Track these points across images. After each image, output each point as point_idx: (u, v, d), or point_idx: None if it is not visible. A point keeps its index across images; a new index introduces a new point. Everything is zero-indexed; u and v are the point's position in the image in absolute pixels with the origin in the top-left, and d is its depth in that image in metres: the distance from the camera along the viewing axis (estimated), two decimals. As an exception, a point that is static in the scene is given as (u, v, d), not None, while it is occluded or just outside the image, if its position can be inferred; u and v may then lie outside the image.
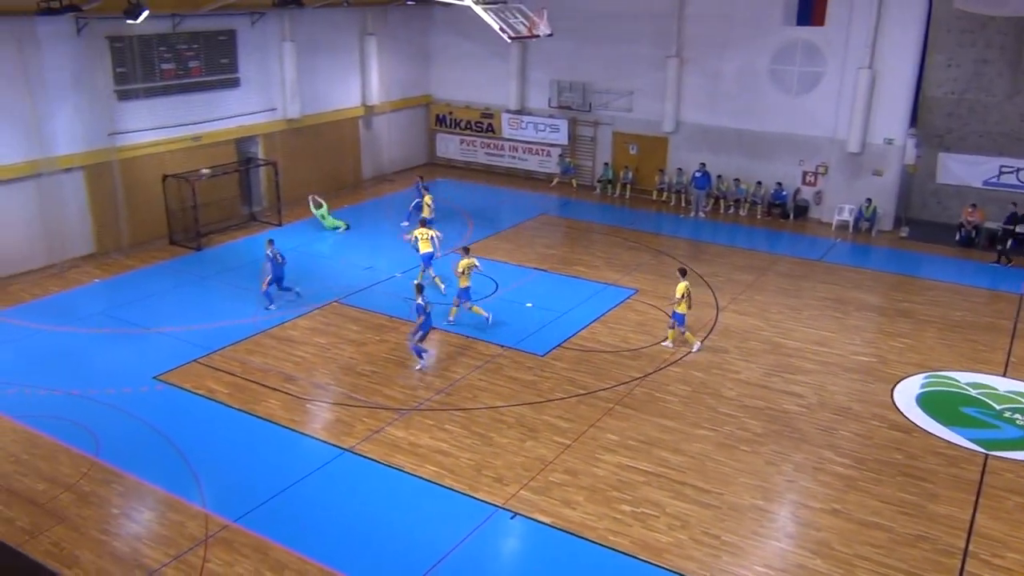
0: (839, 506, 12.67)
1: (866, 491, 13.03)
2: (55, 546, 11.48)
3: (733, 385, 16.24)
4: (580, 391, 15.87)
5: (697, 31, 27.98)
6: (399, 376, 16.34)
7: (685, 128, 28.98)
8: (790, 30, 26.34)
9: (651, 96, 29.16)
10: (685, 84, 28.51)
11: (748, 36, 27.06)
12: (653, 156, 29.71)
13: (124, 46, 22.39)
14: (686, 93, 28.60)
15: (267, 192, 27.19)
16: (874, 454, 14.03)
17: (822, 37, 25.93)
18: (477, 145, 33.24)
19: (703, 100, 28.39)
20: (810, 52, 26.26)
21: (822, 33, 25.89)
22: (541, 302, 20.04)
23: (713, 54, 27.84)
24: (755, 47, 27.02)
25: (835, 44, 25.78)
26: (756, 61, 27.10)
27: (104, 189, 22.57)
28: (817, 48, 26.13)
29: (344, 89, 29.81)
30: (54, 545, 11.50)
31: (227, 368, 16.51)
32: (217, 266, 22.24)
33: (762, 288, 21.30)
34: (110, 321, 18.64)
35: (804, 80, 26.55)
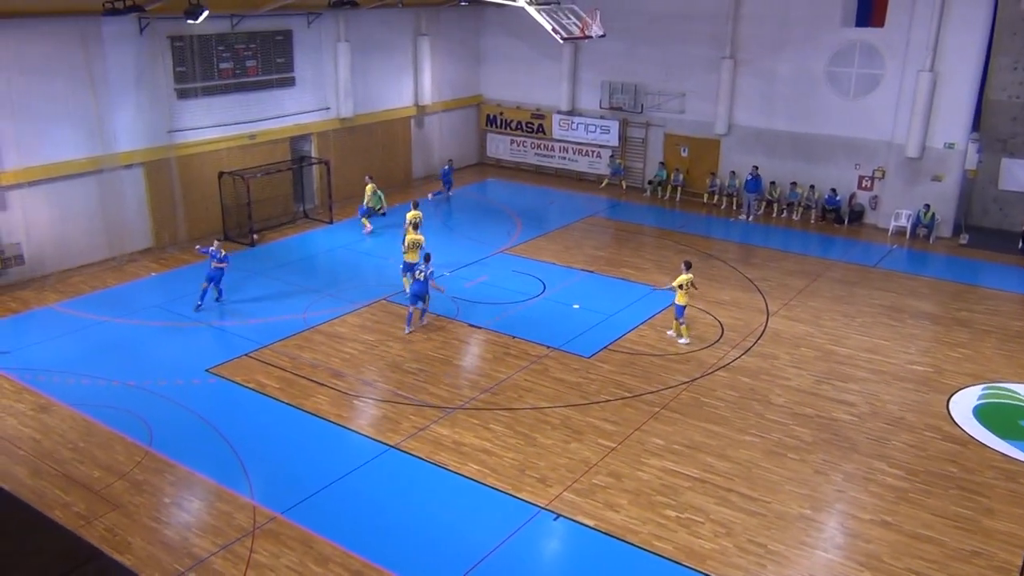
0: (890, 518, 12.40)
1: (918, 504, 12.73)
2: (109, 532, 11.78)
3: (782, 392, 16.00)
4: (626, 394, 15.78)
5: (752, 32, 27.63)
6: (445, 374, 16.42)
7: (738, 130, 28.64)
8: (848, 31, 25.86)
9: (704, 98, 28.88)
10: (739, 86, 28.18)
11: (805, 37, 26.65)
12: (704, 159, 29.42)
13: (184, 45, 22.89)
14: (740, 95, 28.27)
15: (319, 190, 27.57)
16: (927, 466, 13.70)
17: (881, 39, 25.41)
18: (527, 146, 33.26)
19: (757, 102, 28.03)
20: (869, 54, 25.75)
21: (881, 34, 25.37)
22: (588, 304, 19.97)
23: (768, 55, 27.47)
24: (812, 49, 26.59)
25: (895, 46, 25.25)
26: (813, 63, 26.67)
27: (162, 185, 23.11)
28: (876, 50, 25.61)
29: (396, 89, 30.07)
30: (108, 531, 11.80)
31: (277, 363, 16.76)
32: (269, 262, 22.59)
33: (814, 294, 20.96)
34: (165, 314, 19.06)
35: (862, 82, 26.05)
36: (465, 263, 22.68)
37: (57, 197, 21.02)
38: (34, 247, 20.78)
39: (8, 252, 20.33)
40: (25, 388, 15.61)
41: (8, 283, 20.41)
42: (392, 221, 26.23)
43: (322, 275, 22.02)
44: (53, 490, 12.66)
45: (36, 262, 20.89)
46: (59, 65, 20.39)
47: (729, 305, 20.13)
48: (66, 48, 20.45)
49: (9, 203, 20.15)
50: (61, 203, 21.13)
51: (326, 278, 21.78)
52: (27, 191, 20.40)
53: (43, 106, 20.30)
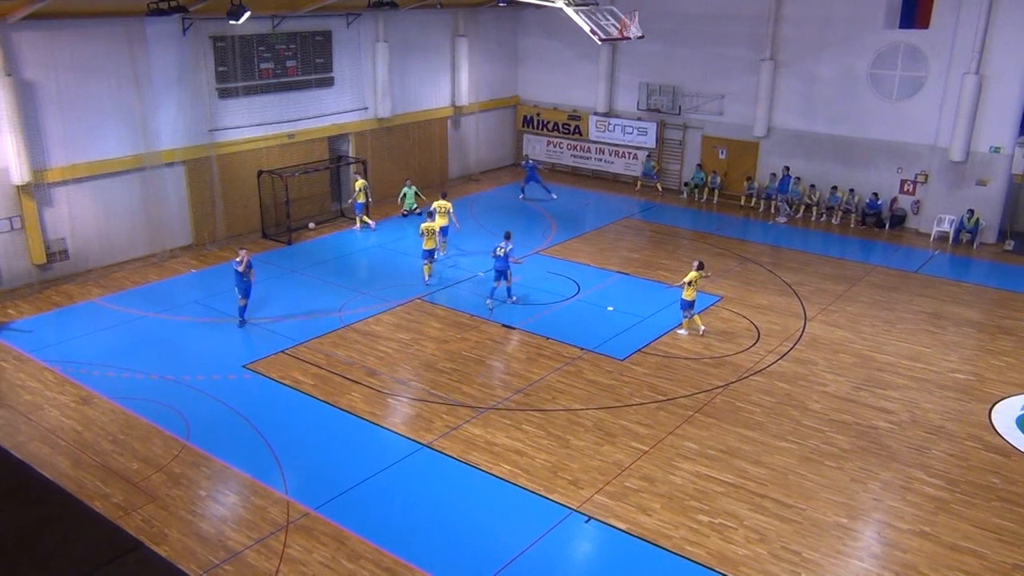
0: (928, 528, 12.18)
1: (958, 514, 12.50)
2: (146, 523, 11.98)
3: (819, 398, 15.81)
4: (660, 397, 15.69)
5: (793, 33, 27.34)
6: (478, 374, 16.45)
7: (777, 133, 28.35)
8: (892, 33, 25.47)
9: (743, 100, 28.64)
10: (779, 88, 27.90)
11: (847, 39, 26.30)
12: (742, 161, 29.15)
13: (226, 46, 23.20)
14: (780, 97, 27.98)
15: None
16: (968, 476, 13.43)
17: (926, 40, 24.99)
18: (564, 147, 33.22)
19: (797, 104, 27.72)
20: (913, 56, 25.34)
21: (926, 36, 24.94)
22: (622, 306, 19.89)
23: (809, 57, 27.15)
24: (854, 50, 26.23)
25: (940, 48, 24.81)
26: (855, 65, 26.31)
27: (202, 183, 23.44)
28: (920, 52, 25.19)
29: (434, 89, 30.21)
30: (145, 522, 12.00)
31: (312, 360, 16.92)
32: (306, 260, 22.81)
33: (854, 299, 20.67)
34: (204, 310, 19.33)
35: (905, 85, 25.64)
36: (500, 264, 22.69)
37: (101, 194, 21.42)
38: (79, 242, 21.21)
39: (54, 247, 20.77)
40: (68, 380, 15.93)
41: (53, 277, 20.84)
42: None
43: (358, 274, 22.20)
44: (93, 481, 12.90)
45: (80, 257, 21.31)
46: (105, 64, 20.78)
47: (766, 309, 19.93)
48: (112, 48, 20.83)
49: (55, 199, 20.58)
50: (105, 200, 21.52)
51: (362, 277, 21.95)
52: (72, 188, 20.83)
53: (89, 105, 20.70)
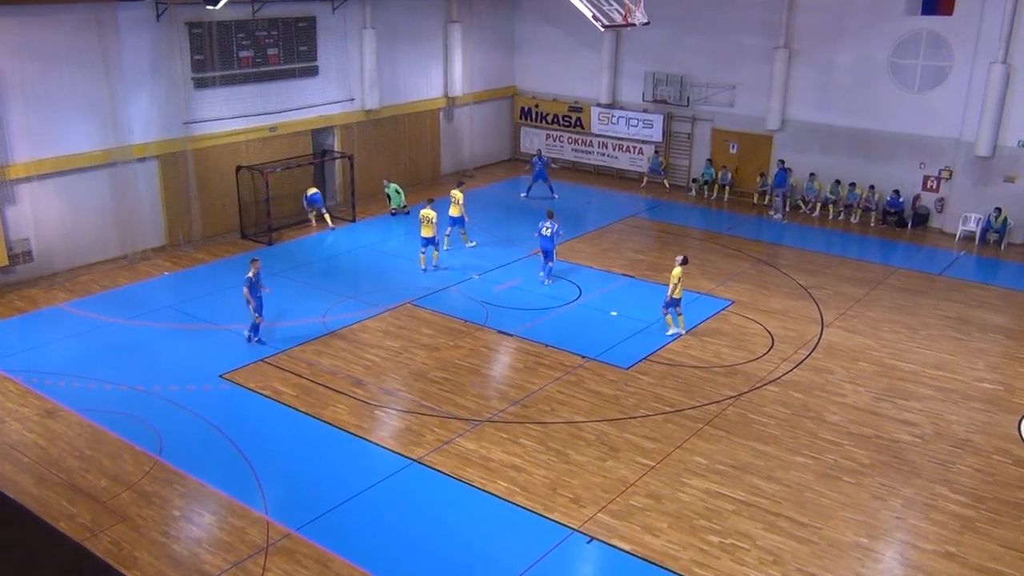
0: (954, 549, 12.16)
1: (986, 534, 12.47)
2: (115, 545, 11.91)
3: (837, 409, 15.79)
4: (667, 409, 15.66)
5: (808, 20, 27.36)
6: (472, 384, 16.41)
7: (792, 126, 28.37)
8: (913, 19, 25.50)
9: (755, 91, 28.65)
10: (793, 78, 27.92)
11: (866, 26, 26.33)
12: (755, 156, 29.17)
13: (202, 32, 23.17)
14: (794, 88, 28.00)
15: (341, 186, 27.75)
16: (996, 493, 13.42)
17: (950, 28, 25.02)
18: (564, 141, 33.22)
19: (813, 95, 27.75)
20: (935, 44, 25.37)
21: (950, 23, 24.97)
22: (627, 311, 19.87)
23: (826, 45, 27.18)
24: (873, 38, 26.26)
25: (964, 36, 24.84)
26: (874, 53, 26.34)
27: (177, 180, 23.40)
28: (944, 40, 25.22)
29: (425, 79, 30.20)
30: (114, 544, 11.93)
31: (294, 369, 16.87)
32: (288, 262, 22.76)
33: (874, 303, 20.67)
34: (178, 316, 19.27)
35: (928, 75, 25.67)
36: (495, 266, 22.69)
37: (68, 191, 21.37)
38: (43, 243, 21.15)
39: (16, 248, 20.70)
40: (31, 392, 15.86)
41: (16, 281, 20.78)
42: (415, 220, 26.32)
43: (343, 276, 22.16)
44: (59, 500, 12.83)
45: (45, 259, 21.24)
46: (72, 53, 20.73)
47: (780, 314, 19.92)
48: (80, 36, 20.78)
49: (18, 197, 20.52)
50: (72, 197, 21.47)
51: (347, 280, 21.92)
52: (37, 184, 20.76)
53: (55, 96, 20.64)
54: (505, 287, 21.27)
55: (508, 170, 33.11)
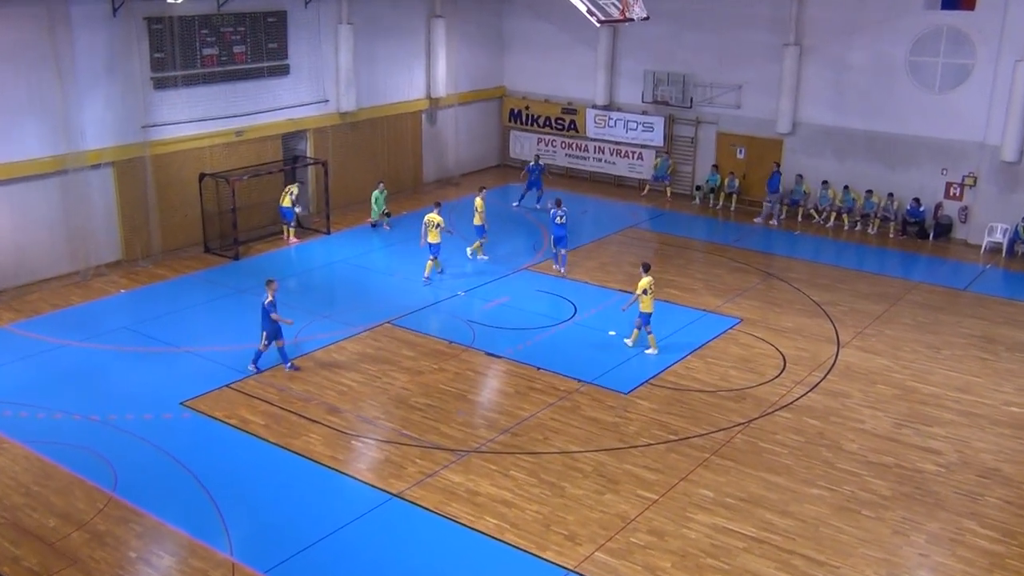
0: (984, 589, 12.16)
1: (1017, 571, 12.49)
2: (64, 591, 11.80)
3: (855, 436, 15.81)
4: (670, 437, 15.65)
5: (820, 15, 27.56)
6: (458, 411, 16.37)
7: (804, 129, 28.52)
8: (933, 14, 25.72)
9: (764, 91, 28.81)
10: (805, 77, 28.09)
11: (882, 21, 26.53)
12: (764, 161, 29.29)
13: (163, 28, 23.17)
14: (806, 88, 28.17)
15: (315, 195, 27.73)
16: (1029, 527, 13.45)
17: (972, 23, 25.24)
18: (557, 145, 33.31)
19: (826, 96, 27.91)
20: (957, 40, 25.58)
21: (972, 18, 25.19)
22: (627, 330, 19.87)
23: (839, 42, 27.37)
24: (890, 34, 26.46)
25: (988, 31, 25.06)
26: (891, 51, 26.53)
27: (134, 188, 23.34)
28: (966, 36, 25.43)
29: (407, 79, 30.27)
30: (63, 590, 11.82)
31: (263, 395, 16.79)
32: (256, 278, 22.61)
33: (893, 321, 20.73)
34: (135, 338, 19.17)
35: (949, 74, 25.87)
36: (483, 281, 22.68)
37: (15, 201, 21.27)
38: (-12, 259, 21.06)
39: (-42, 264, 20.60)
40: (-27, 422, 15.75)
41: (-43, 300, 20.67)
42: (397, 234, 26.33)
43: (317, 294, 22.11)
44: (1, 542, 12.70)
45: (-11, 276, 21.16)
46: (20, 51, 20.69)
47: (792, 333, 19.96)
48: (30, 33, 20.74)
49: (-40, 208, 20.43)
50: (19, 208, 21.37)
51: (321, 297, 21.87)
52: (-19, 194, 20.70)
53: (2, 98, 20.58)
54: (494, 305, 21.25)
55: (496, 177, 33.16)
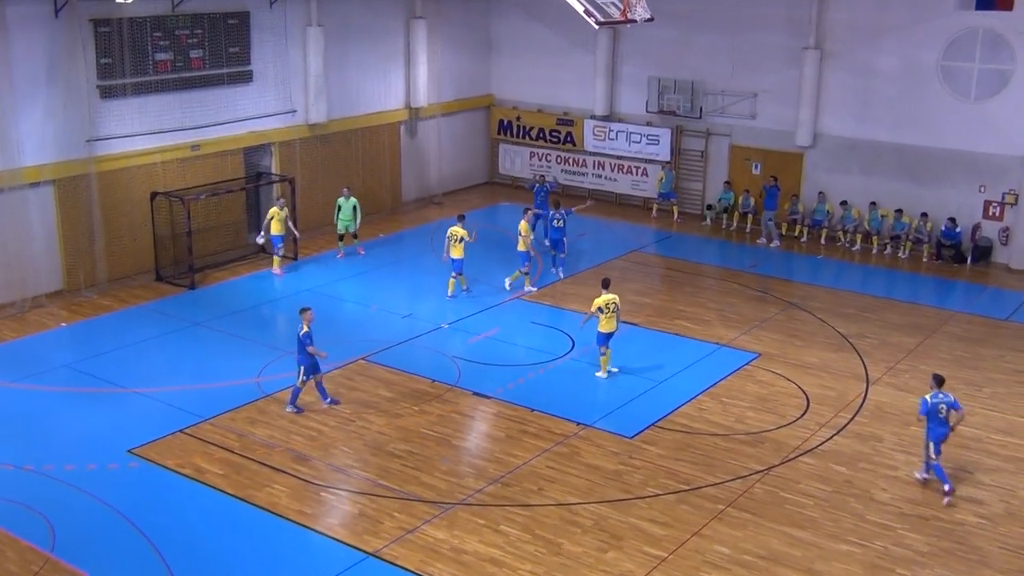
0: (1035, 657, 12.09)
1: (1073, 638, 12.43)
2: (-6, 666, 11.64)
3: (888, 485, 15.77)
4: (681, 487, 15.59)
5: (843, 16, 27.81)
6: (442, 459, 16.30)
7: (826, 141, 28.68)
8: (967, 15, 25.97)
9: (781, 99, 28.99)
10: (826, 84, 28.28)
11: (911, 23, 26.77)
12: (783, 177, 29.39)
13: (111, 31, 23.23)
14: (828, 96, 28.35)
15: (281, 217, 27.73)
16: (1085, 587, 13.41)
17: (1010, 24, 25.49)
18: (552, 160, 33.42)
19: (850, 105, 28.09)
20: (994, 44, 25.82)
21: (1010, 19, 25.44)
22: (631, 366, 19.83)
23: (864, 45, 27.60)
24: (921, 37, 26.70)
25: (1029, 33, 25.35)
26: (922, 55, 26.76)
27: (78, 210, 23.29)
28: (1004, 39, 25.68)
29: (383, 87, 30.38)
30: (-7, 665, 11.67)
31: (221, 442, 16.69)
32: (214, 310, 22.64)
33: (928, 355, 20.76)
34: (77, 377, 19.06)
35: (986, 80, 26.09)
36: (470, 312, 22.67)
37: (-57, 224, 21.23)
38: (-89, 289, 20.97)
39: None
40: None
41: None
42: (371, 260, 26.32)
43: (282, 328, 22.04)
44: (-77, 609, 12.56)
45: (-87, 308, 21.06)
46: (-50, 55, 20.74)
47: (816, 369, 19.96)
48: (-40, 34, 20.80)
49: None
50: (-52, 232, 21.33)
51: (287, 332, 21.67)
52: (-96, 216, 20.63)
53: (-72, 108, 20.62)
54: (481, 338, 21.21)
55: (484, 196, 33.23)
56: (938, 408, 15.24)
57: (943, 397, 15.29)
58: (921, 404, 15.36)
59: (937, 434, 15.32)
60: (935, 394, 15.30)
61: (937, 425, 15.29)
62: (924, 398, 15.38)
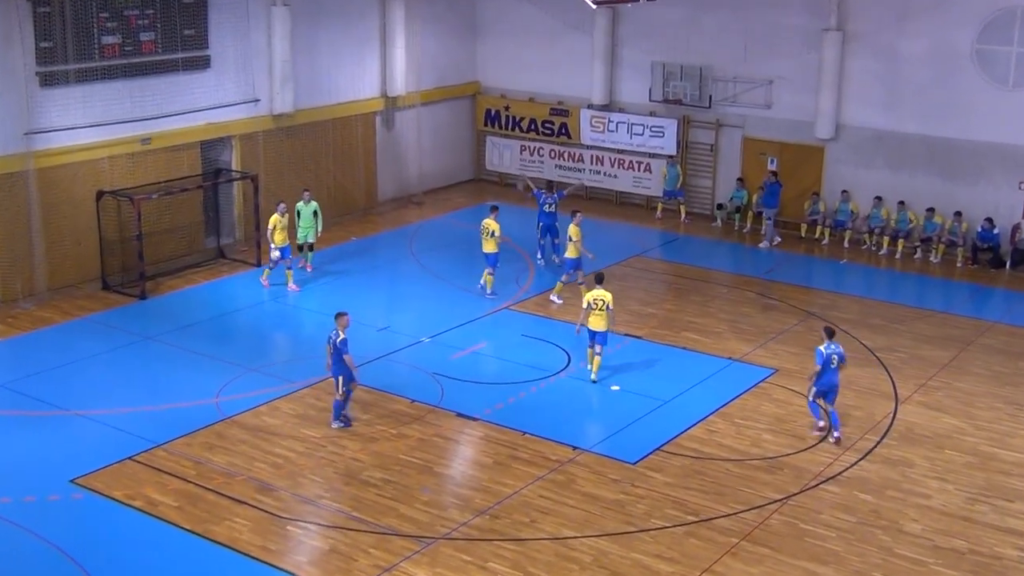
0: None
1: None
2: None
3: (919, 515, 15.80)
4: (689, 518, 15.60)
5: (868, -6, 27.97)
6: (423, 488, 16.27)
7: (849, 133, 28.75)
8: (1005, -8, 26.15)
9: (800, 87, 29.06)
10: (850, 70, 28.35)
11: (942, 2, 26.85)
12: (801, 173, 29.48)
13: (52, 12, 23.16)
14: (851, 83, 28.42)
15: (242, 218, 27.68)
16: None
17: (1054, 2, 25.65)
18: (544, 154, 33.44)
19: (876, 93, 28.18)
20: (1036, 24, 25.98)
21: (1053, -4, 25.61)
22: (633, 384, 19.85)
23: (891, 27, 27.70)
24: (953, 18, 26.79)
25: (1074, 13, 25.49)
26: (954, 38, 26.85)
27: (14, 211, 23.22)
28: (1047, 19, 25.84)
29: (357, 73, 30.38)
30: None
31: (176, 470, 16.63)
32: (167, 322, 22.58)
33: (964, 371, 20.82)
34: (14, 399, 18.99)
35: (1027, 65, 26.24)
36: (453, 324, 22.65)
37: None
38: None
39: None
40: None
41: None
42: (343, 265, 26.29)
43: (244, 342, 22.07)
44: None
45: None
46: None
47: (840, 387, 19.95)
48: None
49: None
50: None
51: (250, 346, 21.81)
52: None
53: None
54: (466, 354, 21.19)
55: (469, 195, 33.23)
56: (831, 359, 17.72)
57: (835, 348, 17.81)
58: (817, 355, 17.76)
59: (829, 383, 17.86)
60: (828, 345, 17.78)
61: (830, 375, 17.81)
62: (819, 349, 17.77)
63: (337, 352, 17.69)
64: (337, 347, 17.65)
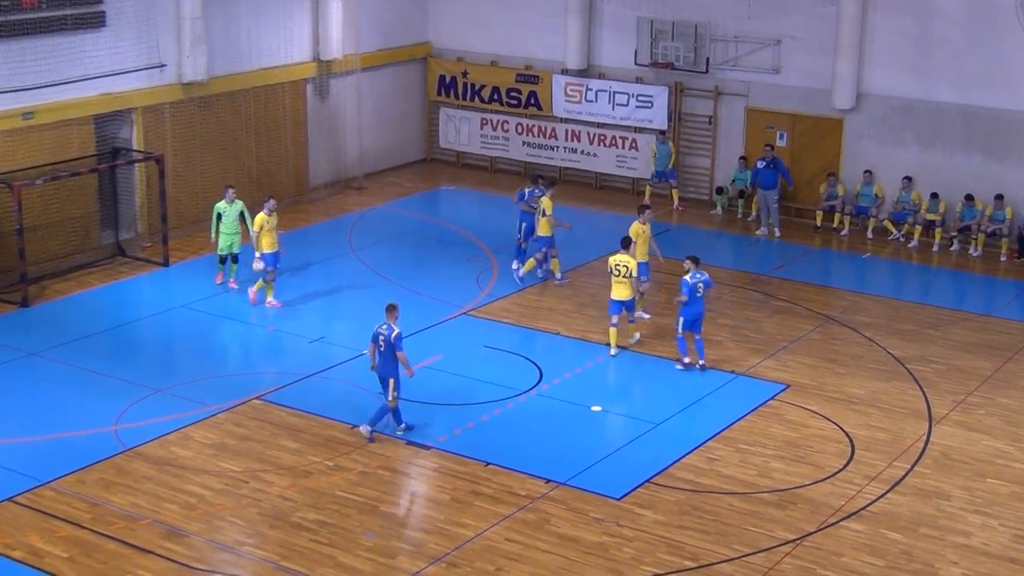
0: None
1: None
2: None
3: (958, 556, 15.86)
4: (686, 563, 15.62)
5: (893, -64, 28.14)
6: (366, 532, 16.22)
7: (872, 103, 28.90)
8: (1055, -65, 26.36)
9: (813, 48, 29.18)
10: (872, 29, 28.48)
11: (982, -55, 27.13)
12: (817, 150, 29.64)
13: (-88, -41, 23.04)
14: (874, 43, 28.56)
15: (145, 207, 27.53)
16: None
17: (1113, -54, 25.90)
18: (510, 129, 33.46)
19: (903, 56, 28.33)
20: (1093, -28, 26.21)
21: (1112, -61, 25.86)
22: (617, 404, 19.85)
23: (921, -25, 27.91)
24: (995, -36, 27.05)
25: None
26: (996, -12, 27.12)
27: None
28: (1104, -35, 26.08)
29: (283, 33, 30.29)
30: None
31: (67, 514, 16.50)
32: (55, 335, 22.44)
33: (1009, 384, 20.97)
34: None
35: (1082, 21, 26.47)
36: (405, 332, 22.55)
37: None
38: None
39: None
40: None
41: None
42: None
43: (149, 357, 22.04)
44: None
45: None
46: None
47: (864, 405, 20.08)
48: None
49: None
50: None
51: (156, 362, 21.74)
52: None
53: None
54: (418, 368, 21.15)
55: (420, 177, 33.20)
56: (696, 287, 20.50)
57: (701, 276, 20.66)
58: (683, 285, 20.55)
59: (696, 313, 20.69)
60: (693, 274, 20.56)
61: (697, 304, 20.64)
62: (684, 279, 20.60)
63: (389, 349, 18.02)
64: (392, 343, 18.03)
